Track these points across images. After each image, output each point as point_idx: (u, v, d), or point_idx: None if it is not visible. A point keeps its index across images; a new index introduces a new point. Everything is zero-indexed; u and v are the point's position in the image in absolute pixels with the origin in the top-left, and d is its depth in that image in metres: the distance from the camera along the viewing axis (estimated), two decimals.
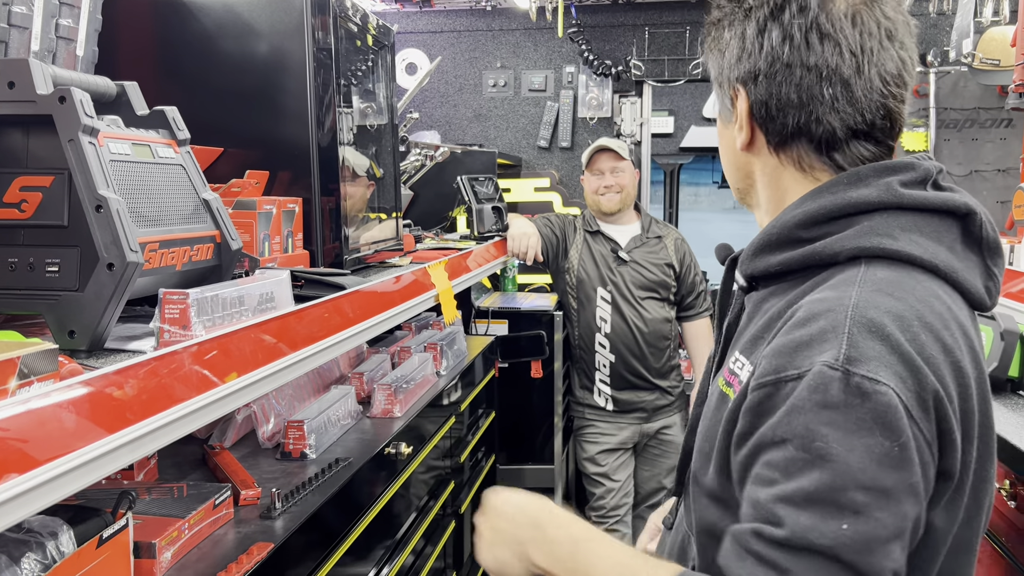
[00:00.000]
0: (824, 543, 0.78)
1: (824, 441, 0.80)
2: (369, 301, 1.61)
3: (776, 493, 0.81)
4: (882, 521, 0.79)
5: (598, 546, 0.94)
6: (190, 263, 1.22)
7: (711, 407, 1.02)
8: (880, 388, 0.80)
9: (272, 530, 1.26)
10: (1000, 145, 3.78)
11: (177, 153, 1.28)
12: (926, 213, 0.93)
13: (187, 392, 0.97)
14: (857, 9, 0.95)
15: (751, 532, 0.82)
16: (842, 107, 0.95)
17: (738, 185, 1.11)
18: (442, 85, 4.31)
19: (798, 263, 0.95)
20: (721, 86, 1.05)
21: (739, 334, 1.03)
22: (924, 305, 0.87)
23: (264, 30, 1.75)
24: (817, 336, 0.84)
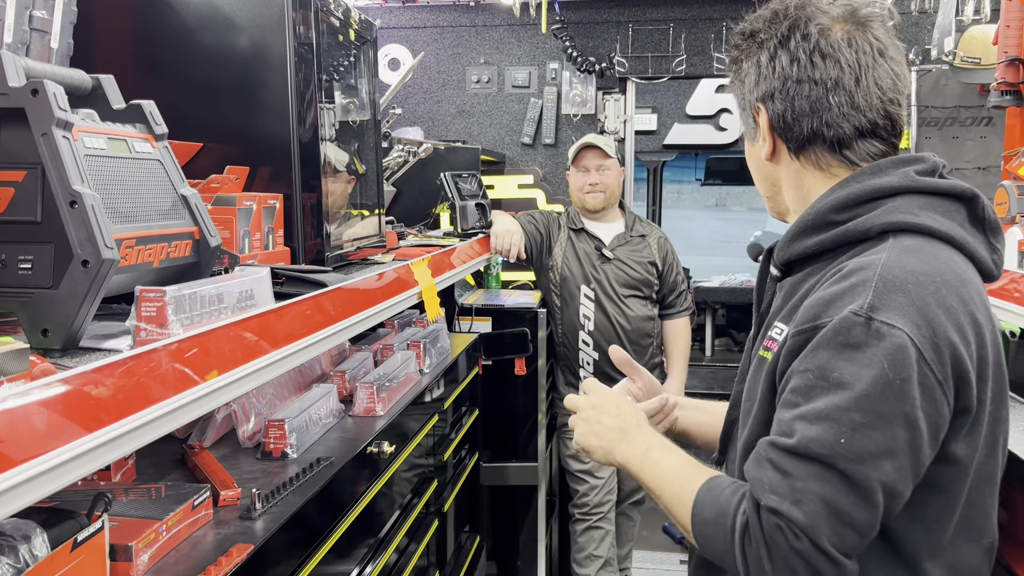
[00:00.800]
0: (823, 452, 0.95)
1: (839, 372, 0.96)
2: (351, 298, 1.59)
3: (795, 413, 0.99)
4: (874, 439, 0.94)
5: (663, 452, 1.19)
6: (168, 260, 1.20)
7: (750, 374, 1.19)
8: (895, 332, 0.95)
9: (252, 531, 1.24)
10: (980, 143, 3.80)
11: (154, 148, 1.25)
12: (938, 196, 1.09)
13: (164, 392, 0.95)
14: (851, 33, 1.13)
15: (768, 443, 1.02)
16: (848, 112, 1.12)
17: (767, 194, 1.27)
18: (425, 81, 4.29)
19: (833, 242, 1.10)
20: (744, 110, 1.23)
21: (775, 313, 1.18)
22: (944, 266, 1.02)
23: (244, 24, 1.73)
24: (849, 290, 1.00)
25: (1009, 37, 2.17)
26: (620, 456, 1.23)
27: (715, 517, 1.04)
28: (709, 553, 1.07)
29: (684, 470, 1.14)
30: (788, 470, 0.97)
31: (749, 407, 1.16)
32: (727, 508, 1.03)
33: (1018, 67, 2.14)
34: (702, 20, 4.06)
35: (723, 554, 1.03)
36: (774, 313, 1.19)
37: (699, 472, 1.12)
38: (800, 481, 0.96)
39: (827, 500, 0.94)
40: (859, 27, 1.13)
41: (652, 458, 1.18)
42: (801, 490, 0.95)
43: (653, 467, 1.17)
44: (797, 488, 0.96)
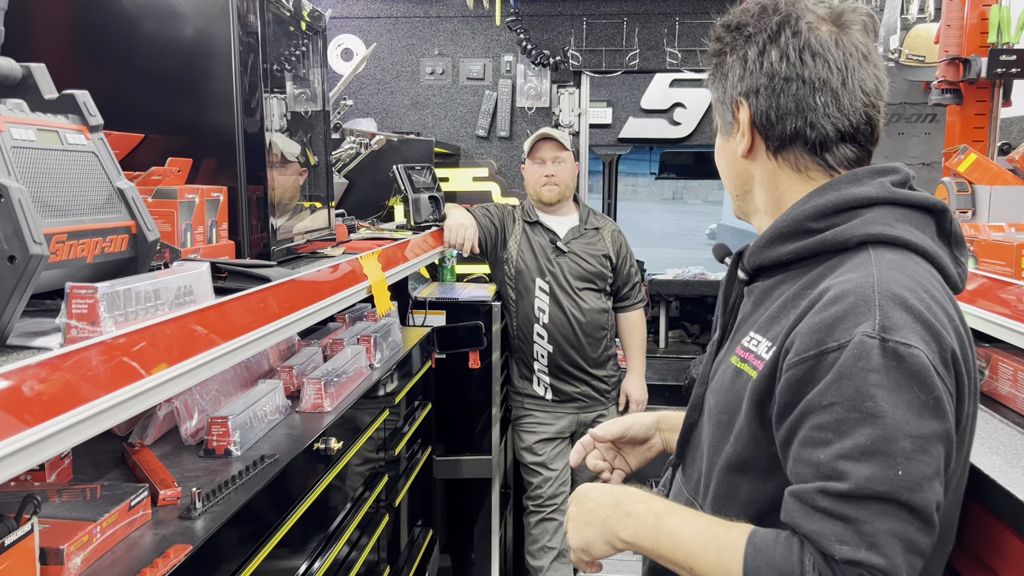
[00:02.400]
0: (884, 489, 0.91)
1: (873, 401, 0.93)
2: (296, 294, 1.57)
3: (835, 452, 0.94)
4: (926, 463, 0.92)
5: (678, 517, 1.09)
6: (102, 255, 1.17)
7: (724, 383, 1.15)
8: (913, 351, 0.94)
9: (192, 531, 1.21)
10: (925, 139, 3.89)
11: (88, 140, 1.22)
12: (911, 208, 1.09)
13: (94, 391, 0.93)
14: (837, 35, 1.12)
15: (816, 491, 0.95)
16: (832, 113, 1.10)
17: (736, 192, 1.25)
18: (379, 72, 4.25)
19: (809, 250, 1.09)
20: (724, 104, 1.20)
21: (744, 319, 1.17)
22: (926, 281, 1.02)
23: (188, 12, 1.69)
24: (851, 311, 0.97)
25: (950, 37, 2.22)
26: (626, 534, 1.11)
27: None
28: None
29: (712, 531, 1.04)
30: (851, 515, 0.92)
31: (727, 420, 1.13)
32: (790, 568, 0.95)
33: (958, 66, 2.19)
34: (655, 15, 4.08)
35: None
36: (744, 319, 1.18)
37: (731, 531, 1.03)
38: (867, 524, 0.91)
39: (899, 535, 0.91)
40: (843, 29, 1.12)
41: (667, 526, 1.08)
42: (872, 533, 0.91)
43: (673, 536, 1.07)
44: (866, 532, 0.91)
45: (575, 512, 1.20)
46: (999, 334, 1.48)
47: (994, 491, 1.18)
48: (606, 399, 3.44)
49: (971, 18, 2.19)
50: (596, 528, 1.14)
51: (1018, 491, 1.14)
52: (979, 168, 2.07)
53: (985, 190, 2.00)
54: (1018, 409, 1.52)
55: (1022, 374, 1.50)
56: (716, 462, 1.14)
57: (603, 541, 1.14)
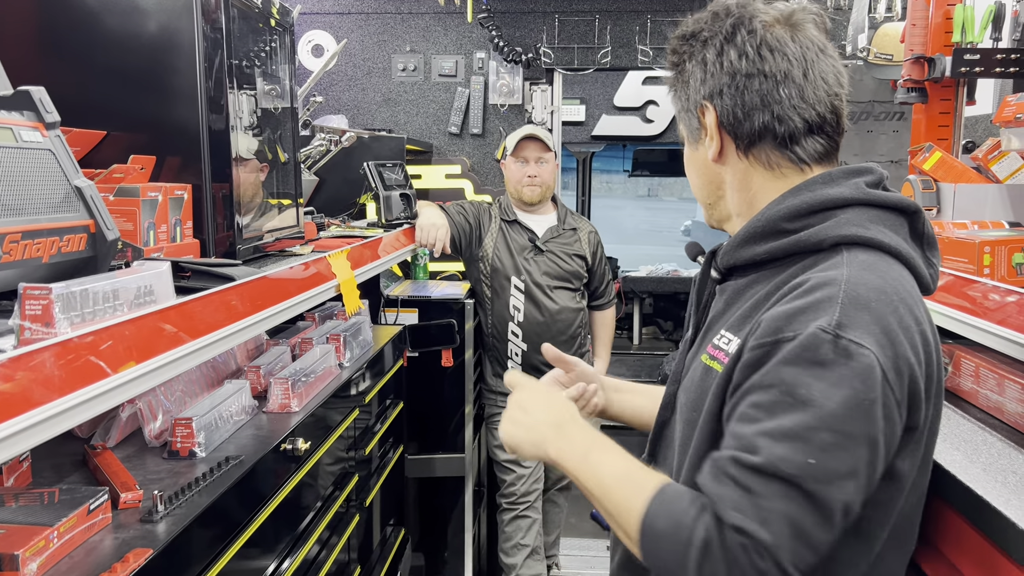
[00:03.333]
0: (791, 471, 0.92)
1: (807, 389, 0.94)
2: (261, 293, 1.55)
3: (758, 429, 0.96)
4: (843, 460, 0.93)
5: (608, 453, 1.11)
6: (59, 255, 1.15)
7: (694, 381, 1.16)
8: (864, 351, 0.94)
9: (153, 535, 1.20)
10: (893, 137, 3.93)
11: (45, 137, 1.19)
12: (885, 210, 1.10)
13: (48, 394, 0.91)
14: (792, 32, 1.13)
15: (729, 458, 0.97)
16: (798, 104, 1.11)
17: (709, 200, 1.25)
18: (350, 68, 4.22)
19: (783, 250, 1.10)
20: (688, 112, 1.21)
21: (717, 318, 1.18)
22: (897, 283, 1.03)
23: (150, 7, 1.66)
24: (813, 305, 0.98)
25: (915, 36, 2.24)
26: (555, 452, 1.15)
27: (670, 529, 0.99)
28: (654, 564, 1.01)
29: (632, 475, 1.07)
30: (753, 488, 0.94)
31: (695, 417, 1.13)
32: (684, 520, 0.97)
33: (923, 65, 2.21)
34: (627, 12, 4.09)
35: (672, 567, 0.98)
36: (715, 317, 1.18)
37: (649, 478, 1.06)
38: (766, 500, 0.93)
39: (792, 520, 0.92)
40: (796, 28, 1.14)
41: (593, 459, 1.11)
42: (767, 509, 0.92)
43: (595, 468, 1.10)
44: (763, 507, 0.93)
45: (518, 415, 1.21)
46: (961, 331, 1.50)
47: (954, 487, 1.19)
48: None
49: (936, 17, 2.21)
50: (531, 435, 1.19)
51: (978, 487, 1.15)
52: (944, 166, 2.09)
53: (950, 188, 2.02)
54: (980, 405, 1.54)
55: (984, 370, 1.52)
56: (684, 461, 1.14)
57: (532, 448, 1.19)
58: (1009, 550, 1.06)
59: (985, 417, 1.49)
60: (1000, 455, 1.31)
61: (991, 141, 2.12)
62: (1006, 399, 1.45)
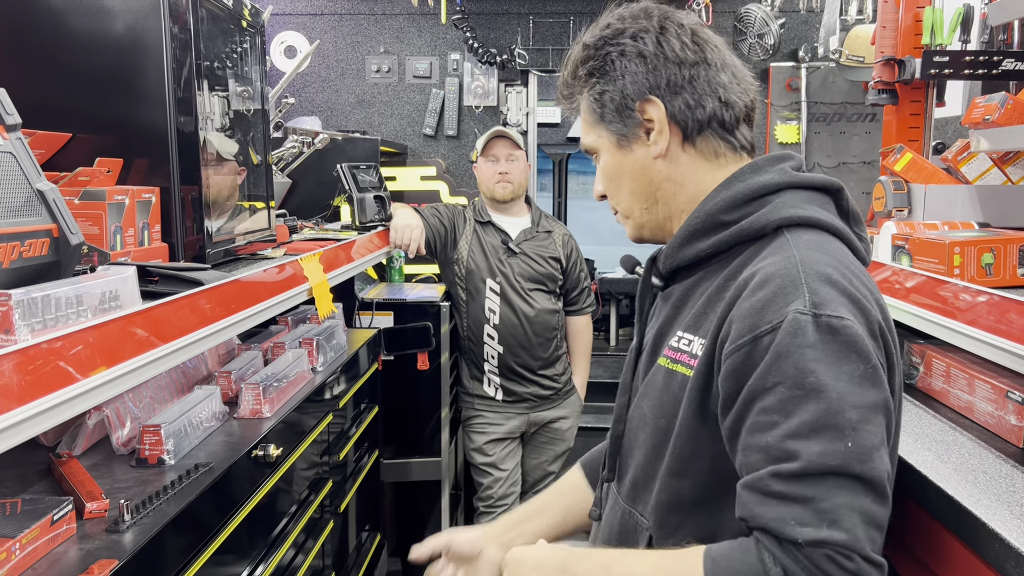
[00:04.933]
0: (837, 463, 0.89)
1: (815, 376, 0.92)
2: (231, 297, 1.53)
3: (782, 432, 0.92)
4: (873, 432, 0.91)
5: (627, 561, 1.04)
6: (20, 260, 1.12)
7: (657, 387, 1.13)
8: (846, 323, 0.94)
9: (119, 545, 1.17)
10: (865, 138, 3.97)
11: (6, 139, 1.17)
12: (812, 190, 1.12)
13: (7, 403, 0.88)
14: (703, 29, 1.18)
15: (768, 475, 0.92)
16: (735, 89, 1.15)
17: (646, 204, 1.21)
18: (323, 70, 4.19)
19: (728, 242, 1.10)
20: (621, 112, 1.17)
21: (668, 322, 1.16)
22: (843, 257, 1.04)
23: (117, 7, 1.64)
24: (779, 292, 0.97)
25: (885, 38, 2.26)
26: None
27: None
28: None
29: (665, 562, 1.00)
30: (807, 495, 0.89)
31: (665, 424, 1.10)
32: (751, 567, 0.91)
33: (894, 67, 2.23)
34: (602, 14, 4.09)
35: None
36: (667, 322, 1.16)
37: (684, 556, 0.98)
38: (825, 501, 0.89)
39: (857, 509, 0.89)
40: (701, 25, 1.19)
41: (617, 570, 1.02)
42: (830, 509, 0.88)
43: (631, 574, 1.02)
44: (825, 509, 0.88)
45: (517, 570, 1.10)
46: (932, 331, 1.51)
47: (925, 487, 1.20)
48: (556, 398, 3.44)
49: (905, 20, 2.23)
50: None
51: (949, 487, 1.16)
52: (914, 167, 2.11)
53: (920, 189, 2.04)
54: (950, 404, 1.55)
55: (955, 370, 1.53)
56: (658, 468, 1.12)
57: None
58: (980, 550, 1.07)
59: (956, 417, 1.50)
60: (971, 455, 1.31)
61: (960, 143, 2.14)
62: (976, 399, 1.46)
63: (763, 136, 4.09)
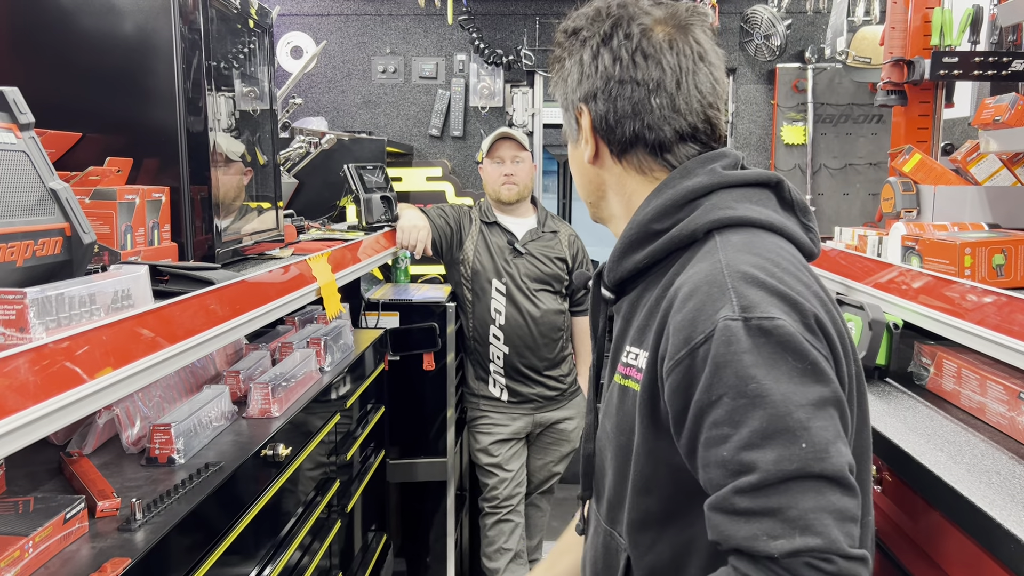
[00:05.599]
0: (794, 467, 0.87)
1: (756, 382, 0.90)
2: (241, 297, 1.53)
3: (735, 444, 0.90)
4: (825, 427, 0.89)
5: None
6: (34, 258, 1.12)
7: (614, 404, 1.12)
8: (777, 323, 0.92)
9: (131, 544, 1.17)
10: (872, 140, 3.96)
11: (19, 138, 1.17)
12: (747, 187, 1.09)
13: (22, 401, 0.88)
14: (673, 36, 1.11)
15: (731, 492, 0.90)
16: (669, 115, 1.10)
17: (590, 199, 1.23)
18: (329, 70, 4.19)
19: (662, 251, 1.08)
20: (567, 110, 1.19)
21: (621, 336, 1.13)
22: (775, 254, 1.01)
23: (127, 7, 1.64)
24: (707, 300, 0.95)
25: (894, 38, 2.25)
26: None
27: None
28: None
29: None
30: (772, 506, 0.87)
31: (625, 441, 1.09)
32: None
33: (903, 67, 2.23)
34: None
35: None
36: (620, 335, 1.14)
37: None
38: (792, 508, 0.86)
39: (826, 508, 0.86)
40: (680, 30, 1.11)
41: None
42: (799, 516, 0.86)
43: None
44: (794, 517, 0.86)
45: None
46: (943, 331, 1.50)
47: (939, 488, 1.19)
48: (562, 399, 3.44)
49: (914, 20, 2.22)
50: None
51: (963, 488, 1.16)
52: (923, 168, 2.10)
53: (929, 190, 2.04)
54: (961, 405, 1.54)
55: (966, 371, 1.53)
56: (626, 487, 1.10)
57: None
58: (994, 550, 1.06)
59: (967, 418, 1.50)
60: (984, 456, 1.31)
61: (970, 143, 2.14)
62: (988, 400, 1.46)
63: (769, 137, 4.09)
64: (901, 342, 1.75)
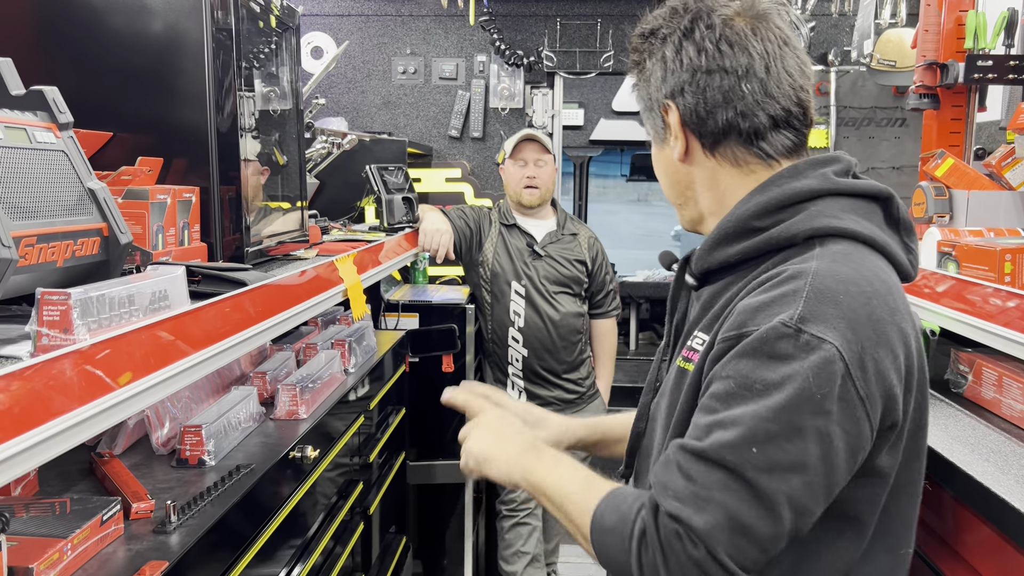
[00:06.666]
0: (733, 459, 0.91)
1: (763, 383, 0.92)
2: (273, 297, 1.52)
3: (712, 419, 0.95)
4: (787, 451, 0.90)
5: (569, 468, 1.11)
6: (73, 259, 1.12)
7: (669, 386, 1.14)
8: (825, 345, 0.91)
9: (167, 546, 1.16)
10: (895, 144, 3.93)
11: (58, 138, 1.16)
12: (856, 198, 1.07)
13: (69, 403, 0.88)
14: (754, 24, 1.10)
15: (678, 445, 0.97)
16: (761, 99, 1.08)
17: (678, 200, 1.21)
18: (349, 70, 4.19)
19: (756, 249, 1.06)
20: (652, 111, 1.18)
21: (694, 324, 1.14)
22: (872, 273, 0.99)
23: (157, 7, 1.64)
24: (779, 299, 0.96)
25: (928, 41, 2.23)
26: (522, 469, 1.16)
27: (615, 524, 0.99)
28: (607, 564, 1.01)
29: (591, 482, 1.08)
30: (694, 476, 0.92)
31: (675, 421, 1.09)
32: (628, 514, 0.97)
33: (936, 71, 2.20)
34: (629, 16, 4.06)
35: (620, 564, 0.97)
36: (693, 322, 1.14)
37: (605, 484, 1.06)
38: (705, 489, 0.91)
39: (730, 510, 0.89)
40: (760, 18, 1.10)
41: (559, 471, 1.11)
42: (705, 498, 0.91)
43: (559, 479, 1.10)
44: (701, 495, 0.91)
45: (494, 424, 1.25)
46: (983, 339, 1.48)
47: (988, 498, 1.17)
48: (580, 402, 3.42)
49: (948, 23, 2.20)
50: (505, 453, 1.19)
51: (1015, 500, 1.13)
52: (956, 172, 2.08)
53: (963, 195, 2.01)
54: (1002, 414, 1.52)
55: (1007, 379, 1.50)
56: None
57: (504, 461, 1.18)
58: None
59: (1009, 427, 1.47)
60: None
61: (1004, 148, 2.11)
62: None
63: None
64: (937, 349, 1.72)
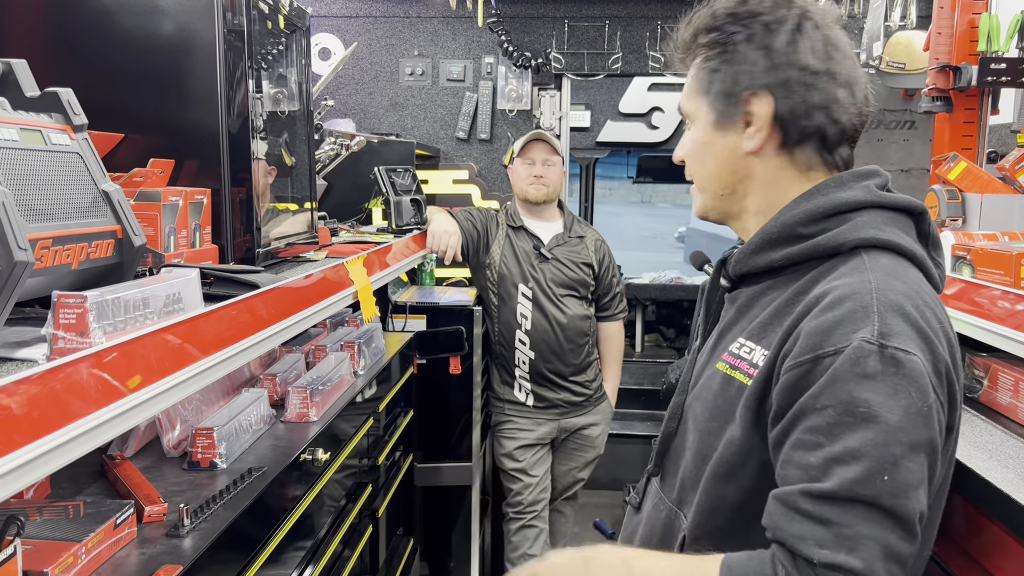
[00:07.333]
0: (868, 493, 0.89)
1: (867, 406, 0.91)
2: (285, 300, 1.52)
3: (824, 456, 0.92)
4: (913, 471, 0.90)
5: (649, 558, 1.05)
6: (88, 261, 1.11)
7: (712, 390, 1.12)
8: (912, 358, 0.92)
9: (180, 550, 1.16)
10: (903, 146, 3.93)
11: (73, 140, 1.16)
12: (895, 211, 1.09)
13: (86, 407, 0.87)
14: (842, 32, 1.12)
15: (799, 492, 0.92)
16: (850, 108, 1.09)
17: (724, 191, 1.18)
18: (357, 72, 4.18)
19: (802, 255, 1.08)
20: (729, 95, 1.13)
21: (729, 326, 1.15)
22: (919, 287, 1.02)
23: (169, 8, 1.63)
24: (848, 316, 0.95)
25: (940, 44, 2.22)
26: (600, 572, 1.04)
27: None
28: None
29: (684, 564, 1.01)
30: (831, 518, 0.89)
31: (717, 428, 1.10)
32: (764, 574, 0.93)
33: (948, 74, 2.19)
34: (637, 18, 4.07)
35: None
36: (728, 325, 1.15)
37: (703, 561, 0.98)
38: (848, 528, 0.89)
39: (880, 541, 0.88)
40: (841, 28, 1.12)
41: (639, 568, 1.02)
42: (852, 537, 0.88)
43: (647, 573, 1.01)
44: (847, 535, 0.88)
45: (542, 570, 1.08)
46: (998, 343, 1.47)
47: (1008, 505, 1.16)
48: (587, 405, 3.41)
49: (961, 26, 2.19)
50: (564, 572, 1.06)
51: None
52: (969, 176, 2.07)
53: (976, 198, 2.00)
54: (1019, 420, 1.51)
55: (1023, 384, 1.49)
56: (704, 470, 1.11)
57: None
58: None
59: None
60: None
61: (1017, 151, 2.10)
62: None
63: None
64: None
